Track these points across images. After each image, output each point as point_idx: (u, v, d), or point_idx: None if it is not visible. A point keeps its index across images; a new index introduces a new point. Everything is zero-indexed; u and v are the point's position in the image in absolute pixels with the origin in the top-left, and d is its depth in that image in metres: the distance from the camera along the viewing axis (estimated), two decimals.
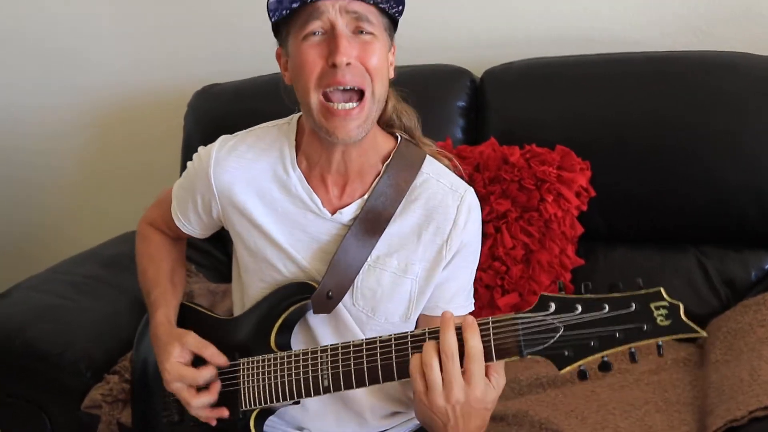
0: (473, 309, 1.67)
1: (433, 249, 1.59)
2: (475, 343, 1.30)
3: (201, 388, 1.60)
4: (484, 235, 2.20)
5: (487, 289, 2.19)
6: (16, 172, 3.39)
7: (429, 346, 1.32)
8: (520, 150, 2.28)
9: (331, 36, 1.43)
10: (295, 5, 1.44)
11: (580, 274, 2.26)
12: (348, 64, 1.43)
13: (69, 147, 3.31)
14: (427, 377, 1.31)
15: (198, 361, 1.62)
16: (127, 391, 2.06)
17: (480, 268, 2.14)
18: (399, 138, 1.64)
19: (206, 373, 1.59)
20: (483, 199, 2.21)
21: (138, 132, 3.18)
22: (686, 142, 2.21)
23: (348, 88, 1.45)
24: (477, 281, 1.68)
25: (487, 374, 1.33)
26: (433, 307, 1.63)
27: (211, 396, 1.59)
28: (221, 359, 1.60)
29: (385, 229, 1.58)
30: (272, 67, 2.64)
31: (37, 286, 2.37)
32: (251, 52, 2.88)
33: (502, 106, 2.43)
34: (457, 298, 1.64)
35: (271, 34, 1.55)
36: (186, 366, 1.60)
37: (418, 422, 1.73)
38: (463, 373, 1.31)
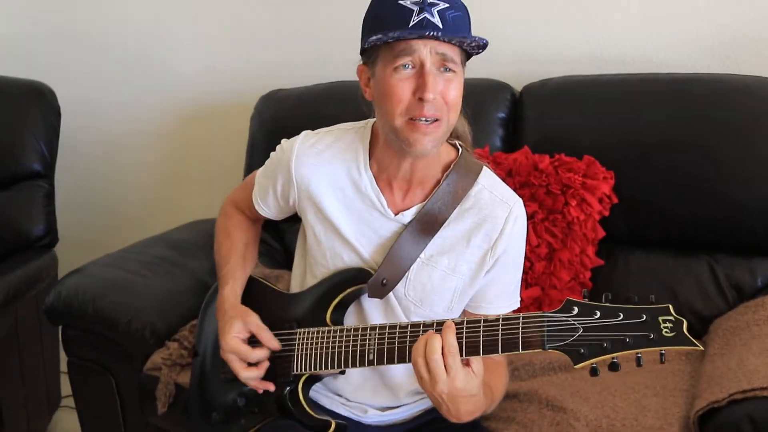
0: (518, 306, 1.83)
1: (479, 254, 1.74)
2: (451, 341, 1.49)
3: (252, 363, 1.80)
4: None
5: None
6: (99, 165, 3.64)
7: (415, 351, 1.51)
8: (550, 158, 2.46)
9: (419, 73, 1.56)
10: (392, 39, 1.54)
11: (599, 273, 2.44)
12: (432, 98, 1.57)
13: (147, 144, 3.54)
14: (418, 373, 1.51)
15: (255, 339, 1.81)
16: (185, 356, 2.28)
17: None
18: (460, 149, 1.78)
19: (259, 354, 1.78)
20: None
21: (209, 132, 3.40)
22: (704, 158, 2.37)
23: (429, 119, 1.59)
24: None
25: (468, 364, 1.51)
26: (477, 306, 1.81)
27: (258, 372, 1.79)
28: (274, 344, 1.79)
29: (438, 230, 1.73)
30: (332, 75, 2.90)
31: (111, 263, 2.58)
32: (313, 61, 3.09)
33: (538, 119, 2.61)
34: (498, 299, 1.80)
35: (332, 44, 1.65)
36: (242, 342, 1.79)
37: None
38: (445, 366, 1.49)
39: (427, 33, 1.52)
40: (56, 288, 2.47)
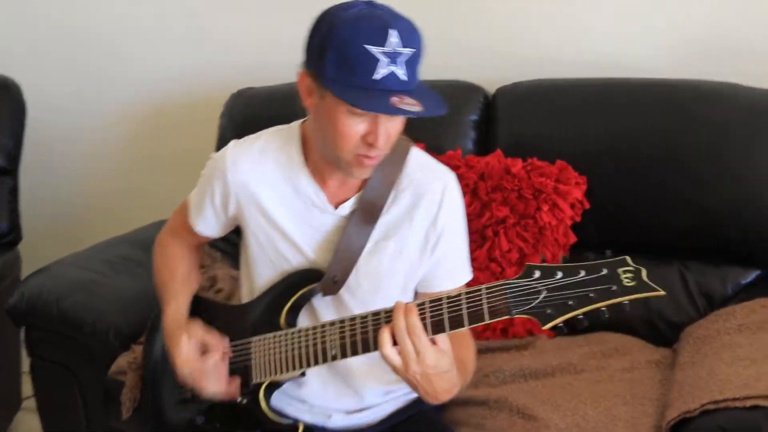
0: (471, 277, 1.87)
1: (423, 231, 1.77)
2: (413, 321, 1.50)
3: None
4: (484, 238, 2.39)
5: None
6: (65, 162, 3.61)
7: (383, 335, 1.51)
8: (523, 162, 2.45)
9: (373, 121, 1.54)
10: (359, 106, 1.51)
11: None
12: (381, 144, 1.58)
13: (115, 141, 3.52)
14: (389, 359, 1.52)
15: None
16: None
17: (477, 268, 2.30)
18: None
19: (211, 360, 1.76)
20: (485, 206, 2.40)
21: (178, 127, 3.38)
22: (677, 165, 2.37)
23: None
24: (474, 281, 1.84)
25: (435, 342, 1.52)
26: (430, 286, 1.82)
27: (218, 382, 1.77)
28: (224, 342, 1.79)
29: (379, 216, 1.76)
30: None
31: (75, 263, 2.56)
32: (283, 62, 3.01)
33: (511, 122, 2.60)
34: (451, 275, 1.83)
35: (299, 47, 1.61)
36: (194, 353, 1.77)
37: (408, 398, 1.92)
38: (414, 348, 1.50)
39: (396, 108, 1.47)
40: (19, 288, 2.44)
